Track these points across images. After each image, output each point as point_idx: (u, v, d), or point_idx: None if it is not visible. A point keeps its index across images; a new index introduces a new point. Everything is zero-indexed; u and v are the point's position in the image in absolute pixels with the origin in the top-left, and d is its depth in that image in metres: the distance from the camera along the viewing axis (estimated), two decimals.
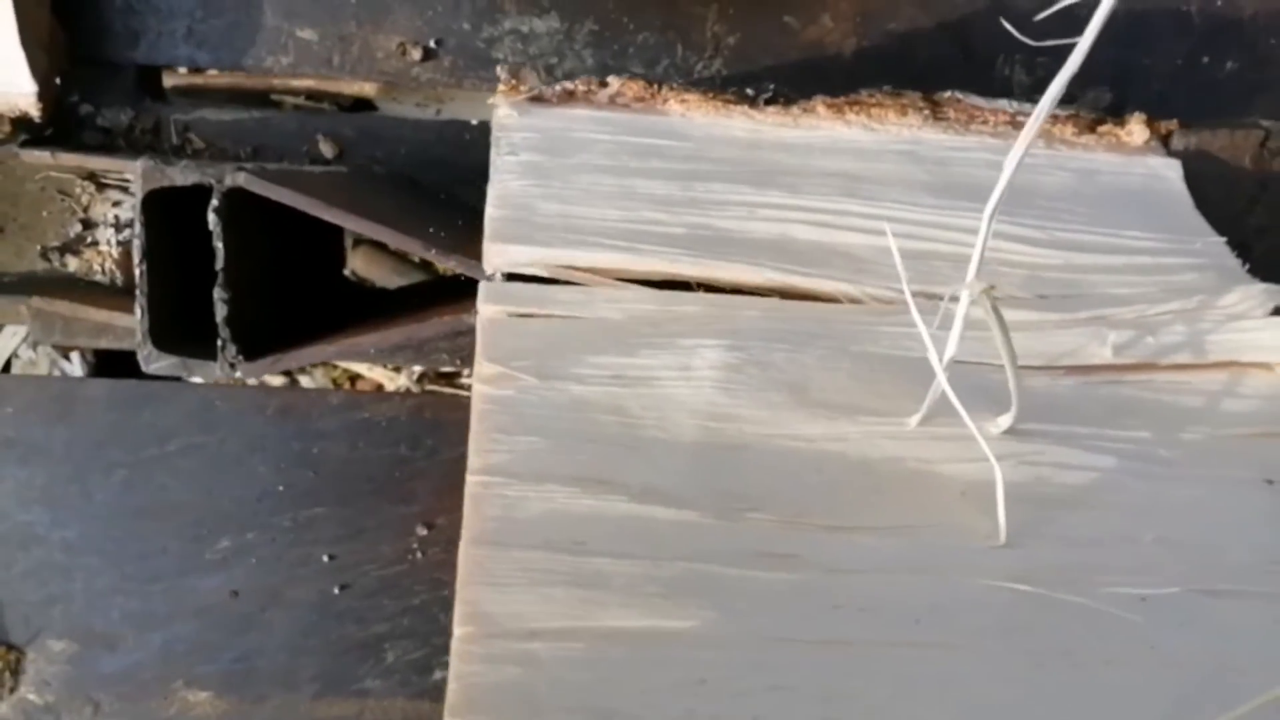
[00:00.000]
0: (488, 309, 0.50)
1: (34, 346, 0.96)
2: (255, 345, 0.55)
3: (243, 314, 0.53)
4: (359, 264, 1.01)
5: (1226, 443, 0.49)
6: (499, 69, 0.61)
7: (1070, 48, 0.34)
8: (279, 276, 0.60)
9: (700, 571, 0.42)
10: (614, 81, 0.60)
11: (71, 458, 0.62)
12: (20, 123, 0.61)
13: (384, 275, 1.00)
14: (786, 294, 0.53)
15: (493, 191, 0.55)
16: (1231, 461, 0.48)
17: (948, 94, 0.62)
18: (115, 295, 0.65)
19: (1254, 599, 0.44)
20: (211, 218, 0.50)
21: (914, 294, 0.48)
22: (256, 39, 0.65)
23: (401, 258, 0.99)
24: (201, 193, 0.52)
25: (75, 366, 0.92)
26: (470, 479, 0.44)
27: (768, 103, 0.61)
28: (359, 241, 0.96)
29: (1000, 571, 0.43)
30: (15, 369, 0.99)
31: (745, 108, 0.60)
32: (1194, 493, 0.47)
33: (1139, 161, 0.61)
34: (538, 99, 0.60)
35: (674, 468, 0.45)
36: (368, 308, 0.72)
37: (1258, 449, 0.49)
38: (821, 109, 0.61)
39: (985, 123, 0.61)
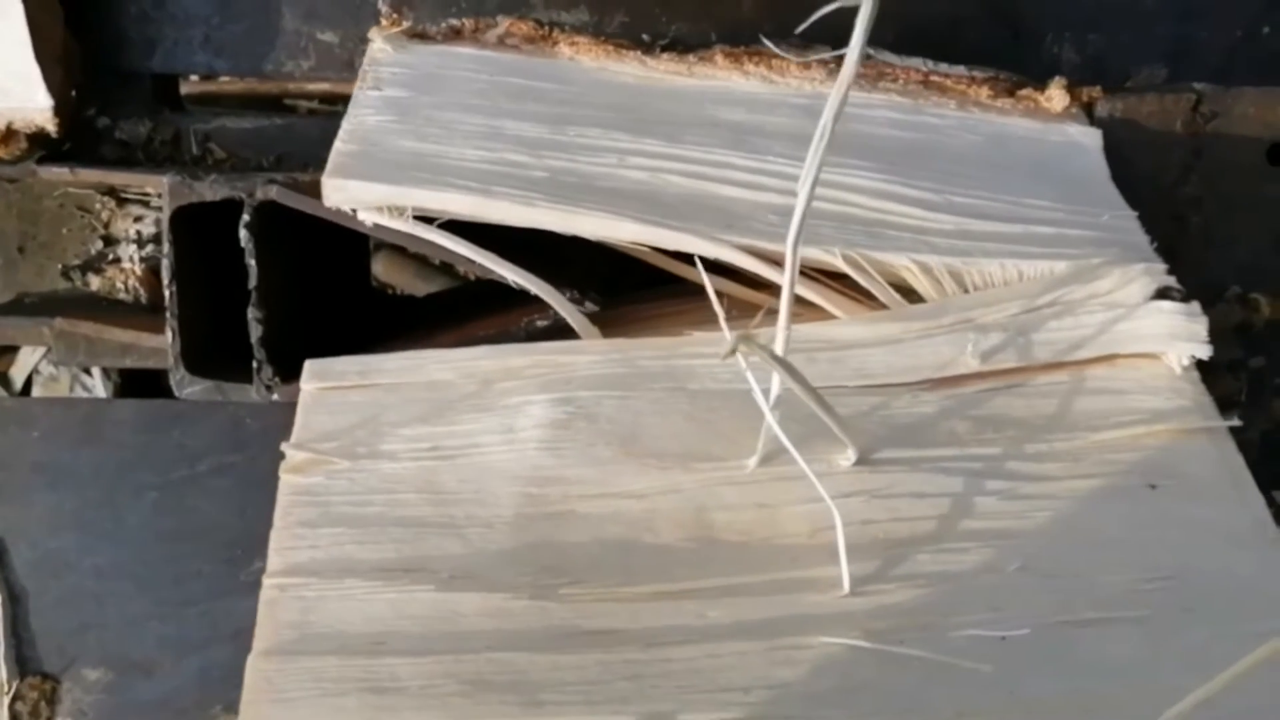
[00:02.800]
0: (308, 386, 0.46)
1: (55, 364, 0.95)
2: (287, 362, 0.53)
3: (274, 331, 0.51)
4: (381, 269, 0.99)
5: (1106, 446, 0.44)
6: (380, 2, 0.59)
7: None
8: (307, 287, 0.59)
9: (504, 662, 0.38)
10: (503, 20, 0.58)
11: (100, 481, 0.60)
12: (37, 139, 0.60)
13: (407, 280, 0.98)
14: (652, 250, 0.49)
15: (345, 126, 0.51)
16: (1111, 467, 0.44)
17: None
18: (139, 314, 0.63)
19: (1125, 625, 0.39)
20: (243, 234, 0.48)
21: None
22: (276, 43, 0.63)
23: (425, 262, 0.97)
24: (228, 205, 0.50)
25: (97, 383, 0.91)
26: (266, 582, 0.40)
27: (664, 50, 0.58)
28: (380, 246, 0.94)
29: (841, 626, 0.39)
30: (36, 385, 0.98)
31: (639, 54, 0.57)
32: (1066, 509, 0.42)
33: (1056, 129, 0.57)
34: (419, 35, 0.57)
35: (490, 546, 0.41)
36: (396, 317, 0.70)
37: (1140, 449, 0.44)
38: (720, 58, 0.58)
39: (895, 80, 0.58)
